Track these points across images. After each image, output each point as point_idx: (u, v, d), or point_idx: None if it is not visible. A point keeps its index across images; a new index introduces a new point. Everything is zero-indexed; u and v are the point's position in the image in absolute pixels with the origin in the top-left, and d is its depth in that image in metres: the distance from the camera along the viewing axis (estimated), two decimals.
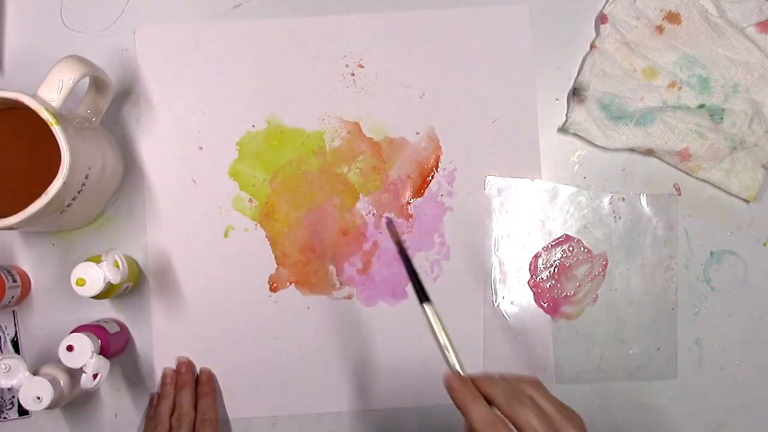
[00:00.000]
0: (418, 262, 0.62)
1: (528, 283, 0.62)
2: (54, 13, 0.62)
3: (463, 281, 0.62)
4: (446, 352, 0.43)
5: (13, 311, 0.61)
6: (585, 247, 0.62)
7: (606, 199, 0.63)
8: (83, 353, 0.52)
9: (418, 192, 0.62)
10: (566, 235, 0.62)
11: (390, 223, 0.54)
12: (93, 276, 0.53)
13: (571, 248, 0.62)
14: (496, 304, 0.62)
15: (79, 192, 0.52)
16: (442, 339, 0.43)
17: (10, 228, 0.49)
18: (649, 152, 0.62)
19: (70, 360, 0.52)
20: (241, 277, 0.61)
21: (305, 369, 0.61)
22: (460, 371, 0.43)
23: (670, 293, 0.62)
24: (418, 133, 0.63)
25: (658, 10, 0.62)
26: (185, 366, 0.60)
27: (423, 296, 0.45)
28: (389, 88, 0.63)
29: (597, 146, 0.62)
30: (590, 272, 0.62)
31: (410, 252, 0.62)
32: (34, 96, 0.49)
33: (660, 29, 0.62)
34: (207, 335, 0.61)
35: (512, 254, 0.62)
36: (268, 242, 0.62)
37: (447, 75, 0.63)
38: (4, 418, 0.60)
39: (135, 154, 0.62)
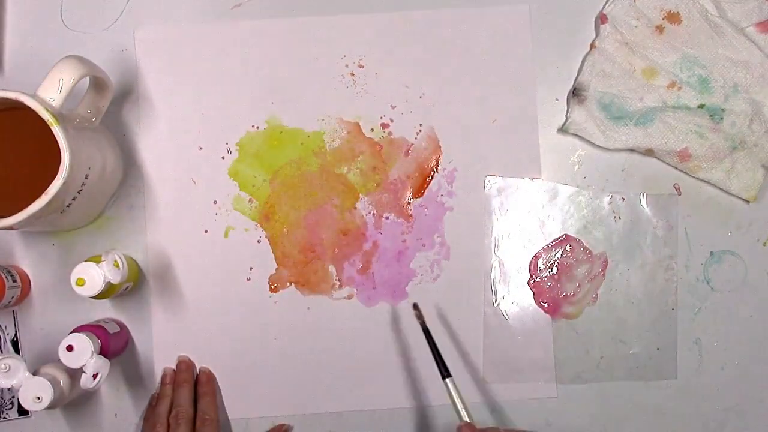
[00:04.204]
0: (418, 262, 0.62)
1: (528, 283, 0.62)
2: (54, 13, 0.62)
3: (463, 281, 0.62)
4: (464, 416, 0.51)
5: (13, 311, 0.61)
6: (585, 247, 0.62)
7: (606, 199, 0.63)
8: (83, 353, 0.52)
9: (418, 192, 0.62)
10: (566, 235, 0.62)
11: (416, 307, 0.58)
12: (93, 276, 0.53)
13: (571, 248, 0.62)
14: (496, 304, 0.62)
15: (79, 192, 0.52)
16: (463, 411, 0.51)
17: (10, 228, 0.49)
18: (649, 152, 0.62)
19: (70, 360, 0.52)
20: (241, 277, 0.61)
21: (305, 369, 0.61)
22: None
23: (670, 293, 0.62)
24: (418, 133, 0.63)
25: (658, 10, 0.62)
26: (184, 365, 0.60)
27: (445, 372, 0.53)
28: (389, 88, 0.63)
29: (597, 146, 0.62)
30: (590, 272, 0.62)
31: (410, 252, 0.62)
32: (34, 96, 0.49)
33: (660, 29, 0.62)
34: (207, 335, 0.61)
35: (512, 254, 0.62)
36: (268, 242, 0.62)
37: (447, 75, 0.63)
38: (4, 418, 0.60)
39: (135, 154, 0.62)
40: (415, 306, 0.58)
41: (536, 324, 0.62)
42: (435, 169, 0.63)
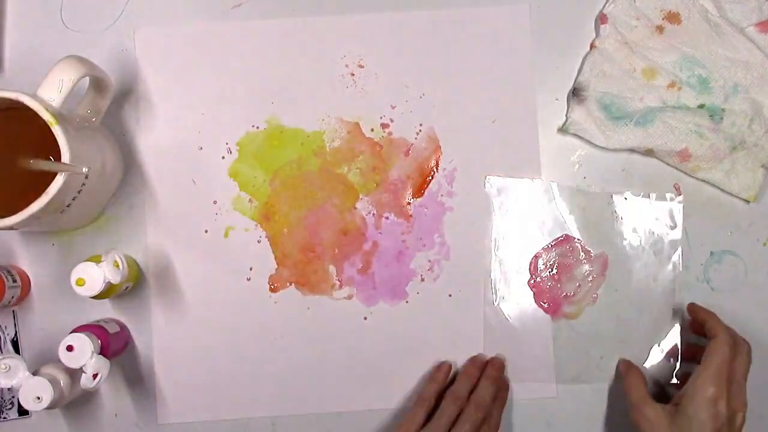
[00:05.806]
0: (418, 262, 0.62)
1: (528, 283, 0.62)
2: (54, 13, 0.62)
3: (463, 281, 0.62)
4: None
5: (13, 311, 0.61)
6: (585, 247, 0.62)
7: (606, 199, 0.63)
8: (83, 353, 0.52)
9: (418, 192, 0.62)
10: (566, 235, 0.62)
11: None
12: (93, 276, 0.53)
13: (571, 248, 0.62)
14: (496, 304, 0.62)
15: (79, 192, 0.52)
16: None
17: (10, 228, 0.49)
18: (649, 152, 0.62)
19: (70, 360, 0.52)
20: (241, 277, 0.61)
21: (305, 369, 0.61)
22: None
23: (670, 293, 0.62)
24: (418, 133, 0.63)
25: (658, 10, 0.62)
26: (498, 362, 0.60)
27: None
28: (389, 88, 0.63)
29: (597, 146, 0.62)
30: (590, 272, 0.62)
31: (410, 252, 0.62)
32: (34, 96, 0.49)
33: (660, 29, 0.62)
34: (207, 335, 0.61)
35: (512, 254, 0.62)
36: (268, 242, 0.62)
37: (447, 75, 0.63)
38: (4, 418, 0.60)
39: (135, 154, 0.62)
40: None
41: (536, 324, 0.62)
42: (435, 169, 0.63)
